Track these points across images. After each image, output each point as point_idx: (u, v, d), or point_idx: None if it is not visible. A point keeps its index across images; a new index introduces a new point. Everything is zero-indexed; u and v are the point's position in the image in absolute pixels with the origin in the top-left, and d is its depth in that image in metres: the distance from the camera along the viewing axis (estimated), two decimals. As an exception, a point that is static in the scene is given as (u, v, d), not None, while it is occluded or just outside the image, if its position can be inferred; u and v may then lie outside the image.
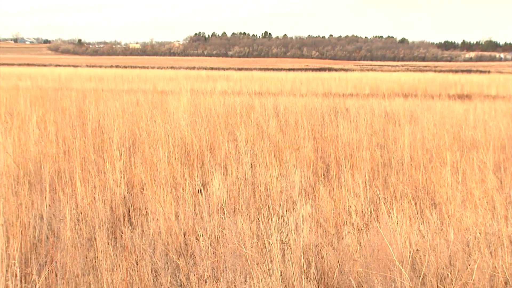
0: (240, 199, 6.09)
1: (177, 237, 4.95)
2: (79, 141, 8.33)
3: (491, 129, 9.76)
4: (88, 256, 4.51)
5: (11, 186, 6.10)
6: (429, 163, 7.23)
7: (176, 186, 6.31)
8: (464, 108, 13.84)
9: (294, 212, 5.28)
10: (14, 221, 4.82)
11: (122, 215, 5.74)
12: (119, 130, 8.85)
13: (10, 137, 7.88)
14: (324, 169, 7.47)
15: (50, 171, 6.60)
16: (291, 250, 4.22)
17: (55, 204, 5.74)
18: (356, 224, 5.22)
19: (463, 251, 4.27)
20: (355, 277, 4.08)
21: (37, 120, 9.24)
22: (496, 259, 4.05)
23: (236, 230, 4.74)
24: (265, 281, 3.84)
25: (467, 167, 6.65)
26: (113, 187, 6.21)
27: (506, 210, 5.23)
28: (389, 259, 4.06)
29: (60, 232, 4.89)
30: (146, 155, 7.52)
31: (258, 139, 8.69)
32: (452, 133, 9.31)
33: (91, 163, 7.18)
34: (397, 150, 8.11)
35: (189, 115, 10.60)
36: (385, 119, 11.39)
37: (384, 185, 6.55)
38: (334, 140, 8.75)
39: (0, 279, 3.68)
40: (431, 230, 4.63)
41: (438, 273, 4.06)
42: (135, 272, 4.14)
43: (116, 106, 12.25)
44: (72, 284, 4.01)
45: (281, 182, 6.44)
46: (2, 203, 4.96)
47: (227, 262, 4.29)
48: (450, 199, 5.69)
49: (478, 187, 5.92)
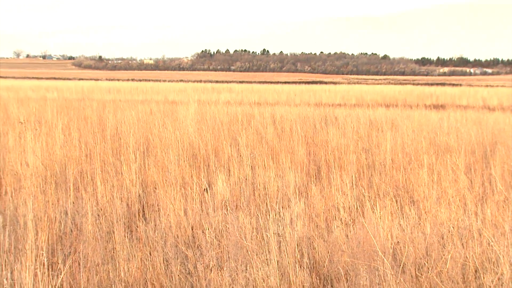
0: (241, 197, 6.10)
1: (185, 231, 4.96)
2: (99, 145, 8.34)
3: (463, 135, 9.78)
4: (107, 247, 4.53)
5: (40, 185, 6.13)
6: (408, 165, 7.25)
7: (185, 185, 6.32)
8: (439, 117, 13.84)
9: (289, 208, 5.29)
10: (42, 216, 4.85)
11: (137, 211, 5.75)
12: (135, 136, 8.86)
13: (39, 142, 7.90)
14: (316, 170, 7.47)
15: (73, 172, 6.61)
16: (286, 242, 4.24)
17: (78, 201, 5.76)
18: (344, 219, 5.23)
19: (438, 243, 4.29)
20: (343, 266, 4.10)
21: (62, 127, 9.25)
22: (467, 250, 4.07)
23: (238, 224, 4.75)
24: (264, 269, 3.86)
25: (441, 168, 6.67)
26: (129, 187, 6.23)
27: (476, 207, 5.26)
28: (373, 250, 4.08)
29: (82, 226, 4.90)
30: (158, 158, 7.53)
31: (257, 144, 8.70)
32: (428, 139, 9.32)
33: (110, 165, 7.19)
34: (380, 154, 8.11)
35: (196, 123, 10.61)
36: (369, 126, 11.38)
37: (369, 185, 6.56)
38: (325, 145, 8.76)
39: (30, 267, 3.70)
40: (410, 225, 4.64)
41: (416, 262, 4.07)
42: (149, 261, 4.16)
43: (132, 115, 12.26)
44: (93, 272, 4.02)
45: (277, 182, 6.44)
46: (31, 200, 4.99)
47: (230, 253, 4.30)
48: (427, 197, 5.71)
49: (452, 186, 5.95)
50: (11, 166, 6.99)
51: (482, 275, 3.76)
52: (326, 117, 13.02)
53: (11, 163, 7.09)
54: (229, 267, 3.99)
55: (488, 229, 4.45)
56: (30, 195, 5.56)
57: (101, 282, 3.94)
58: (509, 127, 11.16)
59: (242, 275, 3.82)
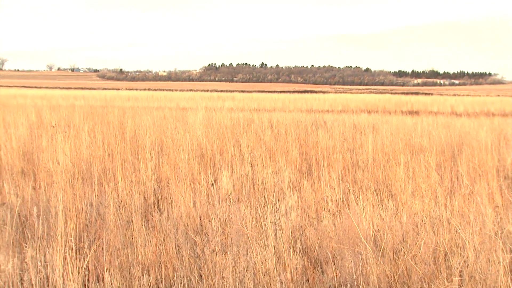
0: (242, 191, 6.10)
1: (194, 220, 4.96)
2: (120, 146, 8.34)
3: (434, 137, 9.78)
4: (126, 234, 4.52)
5: (68, 180, 6.12)
6: (387, 163, 7.25)
7: (194, 181, 6.32)
8: (413, 122, 13.86)
9: (284, 201, 5.29)
10: (70, 207, 4.84)
11: (152, 203, 5.75)
12: (150, 138, 8.85)
13: (68, 143, 7.89)
14: (307, 168, 7.47)
15: (97, 169, 6.61)
16: (281, 230, 4.23)
17: (101, 194, 5.76)
18: (332, 210, 5.23)
19: (413, 230, 4.29)
20: (331, 251, 4.10)
21: (88, 130, 9.25)
22: (438, 236, 4.07)
23: (240, 214, 4.75)
24: (262, 254, 3.86)
25: (416, 166, 6.67)
26: (146, 182, 6.22)
27: (445, 199, 5.25)
28: (357, 237, 4.08)
29: (105, 216, 4.90)
30: (171, 157, 7.53)
31: (256, 145, 8.70)
32: (404, 140, 9.32)
33: (129, 163, 7.19)
34: (363, 153, 8.11)
35: (204, 127, 10.61)
36: (353, 130, 11.39)
37: (353, 180, 6.56)
38: (315, 146, 8.76)
39: (60, 251, 3.70)
40: (388, 215, 4.64)
41: (394, 247, 4.07)
42: (163, 246, 4.16)
43: (148, 120, 12.26)
44: (114, 255, 4.02)
45: (274, 178, 6.44)
46: (61, 193, 4.99)
47: (232, 239, 4.30)
48: (403, 190, 5.71)
49: (424, 182, 5.95)
50: (44, 164, 6.98)
51: (450, 258, 3.75)
52: (316, 121, 13.03)
53: (44, 161, 7.09)
54: (232, 251, 3.99)
55: (456, 219, 4.45)
56: (60, 189, 5.55)
57: (122, 264, 3.94)
58: (473, 131, 11.17)
59: (243, 259, 3.82)
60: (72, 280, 3.54)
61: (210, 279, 3.66)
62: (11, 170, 6.99)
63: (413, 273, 3.65)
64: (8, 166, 7.18)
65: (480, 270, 3.54)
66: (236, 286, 3.51)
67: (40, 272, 3.65)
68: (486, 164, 7.24)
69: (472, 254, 3.67)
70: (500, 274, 3.44)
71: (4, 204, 5.39)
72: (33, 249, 3.88)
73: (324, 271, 3.90)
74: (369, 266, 3.68)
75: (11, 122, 11.13)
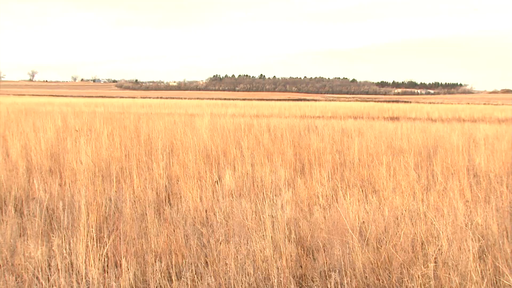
0: (243, 187, 6.09)
1: (201, 213, 4.95)
2: (135, 148, 8.34)
3: (412, 140, 9.79)
4: (141, 226, 4.52)
5: (90, 178, 6.12)
6: (371, 163, 7.25)
7: (200, 178, 6.32)
8: (394, 126, 13.87)
9: (280, 196, 5.29)
10: (92, 201, 4.84)
11: (164, 198, 5.75)
12: (162, 140, 8.85)
13: (90, 145, 7.89)
14: (301, 167, 7.47)
15: (116, 168, 6.61)
16: (278, 222, 4.23)
17: (119, 190, 5.75)
18: (322, 204, 5.22)
19: (394, 222, 4.28)
20: (322, 240, 4.09)
21: (107, 134, 9.25)
22: (415, 227, 4.06)
23: (241, 208, 4.75)
24: (261, 243, 3.85)
25: (396, 165, 6.68)
26: (158, 179, 6.22)
27: (422, 195, 5.25)
28: (345, 228, 4.07)
29: (122, 209, 4.90)
30: (180, 158, 7.53)
31: (256, 147, 8.71)
32: (386, 143, 9.33)
33: (143, 163, 7.19)
34: (350, 154, 8.12)
35: (209, 131, 10.62)
36: (341, 133, 11.40)
37: (341, 178, 6.56)
38: (307, 148, 8.77)
39: (83, 240, 3.69)
40: (372, 208, 4.64)
41: (377, 237, 4.07)
42: (173, 236, 4.15)
43: (160, 125, 12.27)
44: (130, 244, 4.02)
45: (271, 176, 6.44)
46: (84, 190, 4.99)
47: (235, 230, 4.30)
48: (385, 187, 5.71)
49: (404, 179, 5.95)
50: (69, 163, 6.98)
51: (426, 247, 3.75)
52: (309, 126, 13.04)
53: (69, 161, 7.09)
54: (234, 241, 3.99)
55: (431, 212, 4.45)
56: (83, 186, 5.56)
57: (137, 252, 3.93)
58: (446, 134, 11.18)
59: (244, 247, 3.82)
60: (93, 266, 3.54)
61: (215, 265, 3.66)
62: (40, 169, 6.98)
63: (394, 260, 3.65)
64: (37, 166, 7.18)
65: (452, 257, 3.54)
66: (238, 271, 3.51)
67: (65, 259, 3.64)
68: (457, 164, 7.25)
69: (445, 243, 3.67)
70: (470, 261, 3.44)
71: (34, 198, 5.39)
72: (59, 238, 3.88)
73: (316, 258, 3.90)
74: (355, 253, 3.68)
75: (40, 126, 11.13)
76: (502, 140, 10.20)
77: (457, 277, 3.33)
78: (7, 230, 4.26)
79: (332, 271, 3.61)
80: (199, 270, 3.67)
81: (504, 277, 3.38)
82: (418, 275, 3.39)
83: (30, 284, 3.48)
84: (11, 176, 6.12)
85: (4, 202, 5.27)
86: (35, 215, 4.60)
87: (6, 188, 5.67)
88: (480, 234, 4.08)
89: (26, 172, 6.64)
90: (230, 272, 3.49)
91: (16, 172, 6.41)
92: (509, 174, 6.83)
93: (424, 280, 3.40)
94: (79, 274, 3.53)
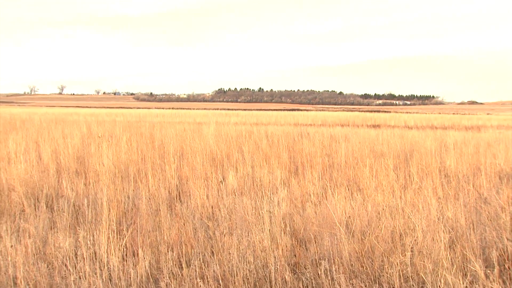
0: (245, 186, 6.08)
1: (207, 209, 4.94)
2: (150, 152, 8.34)
3: (391, 145, 9.79)
4: (155, 220, 4.51)
5: (111, 178, 6.11)
6: (356, 165, 7.25)
7: (207, 179, 6.31)
8: (376, 133, 13.88)
9: (277, 194, 5.28)
10: (112, 199, 4.84)
11: (175, 196, 5.74)
12: (174, 146, 8.86)
13: (110, 150, 7.89)
14: (295, 168, 7.47)
15: (133, 170, 6.61)
16: (275, 217, 4.22)
17: (136, 189, 5.74)
18: (314, 201, 5.21)
19: (376, 217, 4.27)
20: (313, 233, 4.08)
21: (126, 140, 9.25)
22: (394, 221, 4.06)
23: (242, 205, 4.74)
24: (260, 235, 3.84)
25: (378, 167, 6.67)
26: (170, 179, 6.21)
27: (400, 192, 5.24)
28: (333, 222, 4.07)
29: (139, 206, 4.89)
30: (189, 160, 7.53)
31: (255, 151, 8.71)
32: (369, 148, 9.34)
33: (157, 165, 7.18)
34: (337, 158, 8.12)
35: (214, 137, 10.62)
36: (330, 139, 11.40)
37: (330, 178, 6.55)
38: (300, 152, 8.77)
39: (105, 232, 3.69)
40: (357, 205, 4.63)
41: (361, 230, 4.06)
42: (183, 229, 4.14)
43: (172, 132, 12.27)
44: (146, 236, 4.01)
45: (269, 176, 6.44)
46: (106, 188, 4.99)
47: (237, 224, 4.29)
48: (368, 186, 5.70)
49: (384, 179, 5.95)
50: (93, 165, 6.98)
51: (404, 238, 3.75)
52: (301, 133, 13.06)
53: (93, 163, 7.09)
54: (236, 233, 3.98)
55: (408, 207, 4.45)
56: (105, 185, 5.55)
57: (152, 243, 3.92)
58: (421, 140, 11.19)
59: (246, 239, 3.81)
60: (113, 255, 3.53)
61: (220, 254, 3.65)
62: (68, 171, 6.98)
63: (376, 250, 3.65)
64: (65, 168, 7.17)
65: (426, 246, 3.54)
66: (240, 260, 3.50)
67: (90, 249, 3.64)
68: (431, 166, 7.26)
69: (420, 234, 3.67)
70: (441, 250, 3.44)
71: (62, 196, 5.39)
72: (84, 231, 3.87)
73: (308, 248, 3.89)
74: (342, 244, 3.67)
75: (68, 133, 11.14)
76: (468, 145, 10.22)
77: (430, 264, 3.33)
78: (39, 223, 4.26)
79: (322, 260, 3.61)
80: (206, 259, 3.66)
81: (471, 263, 3.38)
82: (397, 262, 3.39)
83: (59, 270, 3.47)
84: (43, 176, 6.12)
85: (37, 199, 5.26)
86: (64, 211, 4.60)
87: (39, 187, 5.67)
88: (450, 226, 4.09)
89: (56, 173, 6.64)
90: (233, 260, 3.49)
91: (47, 173, 6.42)
92: (475, 175, 6.84)
93: (402, 267, 3.40)
94: (101, 262, 3.52)
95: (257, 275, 3.45)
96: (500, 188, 5.79)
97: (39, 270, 3.39)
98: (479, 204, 4.88)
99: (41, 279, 3.32)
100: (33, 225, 4.17)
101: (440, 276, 3.22)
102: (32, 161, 7.06)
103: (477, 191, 5.61)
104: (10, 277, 3.34)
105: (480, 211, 4.64)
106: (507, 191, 5.30)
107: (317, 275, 3.42)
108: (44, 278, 3.33)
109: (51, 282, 3.34)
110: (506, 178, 6.69)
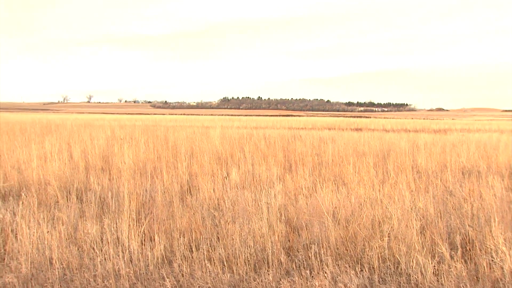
0: (246, 181, 6.07)
1: (214, 201, 4.93)
2: (165, 152, 8.33)
3: (372, 146, 9.79)
4: (169, 210, 4.50)
5: (131, 174, 6.11)
6: (341, 163, 7.24)
7: (213, 175, 6.31)
8: (358, 135, 13.87)
9: (273, 188, 5.27)
10: (132, 192, 4.83)
11: (186, 190, 5.72)
12: (185, 146, 8.85)
13: (131, 150, 7.89)
14: (289, 166, 7.46)
15: (150, 167, 6.60)
16: (272, 207, 4.21)
17: (153, 184, 5.74)
18: (305, 194, 5.20)
19: (358, 207, 4.27)
20: (305, 221, 4.07)
21: (144, 141, 9.25)
22: (374, 211, 4.05)
23: (244, 197, 4.74)
24: (259, 223, 3.84)
25: (360, 165, 6.67)
26: (182, 175, 6.20)
27: (379, 186, 5.23)
28: (321, 212, 4.06)
29: (155, 198, 4.88)
30: (198, 159, 7.52)
31: (255, 151, 8.70)
32: (353, 148, 9.33)
33: (171, 163, 7.17)
34: (325, 156, 8.11)
35: (220, 139, 10.61)
36: (319, 141, 11.39)
37: (319, 174, 6.55)
38: (294, 151, 8.76)
39: (126, 221, 3.68)
40: (342, 197, 4.63)
41: (346, 218, 4.05)
42: (193, 218, 4.14)
43: (183, 134, 12.25)
44: (161, 224, 4.00)
45: (267, 173, 6.43)
46: (127, 183, 4.98)
47: (239, 213, 4.28)
48: (352, 181, 5.69)
49: (366, 175, 5.94)
50: (116, 163, 6.98)
51: (382, 225, 3.75)
52: (294, 135, 13.05)
53: (116, 162, 7.09)
54: (239, 221, 3.98)
55: (386, 199, 4.45)
56: (126, 180, 5.55)
57: (166, 230, 3.92)
58: (397, 141, 11.19)
59: (247, 226, 3.81)
60: (134, 240, 3.53)
61: (225, 240, 3.65)
62: (94, 168, 6.98)
63: (358, 235, 3.65)
64: (92, 165, 7.17)
65: (401, 232, 3.55)
66: (241, 244, 3.50)
67: (113, 235, 3.64)
68: (405, 163, 7.26)
69: (396, 222, 3.68)
70: (414, 235, 3.44)
71: (90, 189, 5.38)
72: (109, 219, 3.87)
73: (300, 234, 3.90)
74: (330, 231, 3.68)
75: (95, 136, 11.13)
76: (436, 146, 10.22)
77: (404, 247, 3.33)
78: (71, 213, 4.26)
79: (312, 244, 3.61)
80: (213, 244, 3.66)
81: (438, 246, 3.39)
82: (376, 246, 3.39)
83: (88, 253, 3.47)
84: (74, 173, 6.12)
85: (69, 192, 5.26)
86: (91, 202, 4.60)
87: (70, 181, 5.66)
88: (421, 215, 4.09)
89: (84, 170, 6.63)
90: (236, 245, 3.49)
91: (77, 170, 6.41)
92: (442, 171, 6.85)
93: (381, 250, 3.40)
94: (123, 246, 3.52)
95: (257, 257, 3.45)
96: (463, 182, 5.81)
97: (71, 252, 3.39)
98: (445, 196, 4.89)
99: (73, 260, 3.32)
100: (65, 214, 4.17)
101: (413, 257, 3.23)
102: (64, 160, 7.06)
103: (444, 185, 5.62)
104: (47, 258, 3.34)
105: (446, 202, 4.65)
106: (469, 185, 5.31)
107: (308, 257, 3.42)
108: (75, 259, 3.33)
109: (81, 262, 3.35)
110: (468, 174, 6.71)
